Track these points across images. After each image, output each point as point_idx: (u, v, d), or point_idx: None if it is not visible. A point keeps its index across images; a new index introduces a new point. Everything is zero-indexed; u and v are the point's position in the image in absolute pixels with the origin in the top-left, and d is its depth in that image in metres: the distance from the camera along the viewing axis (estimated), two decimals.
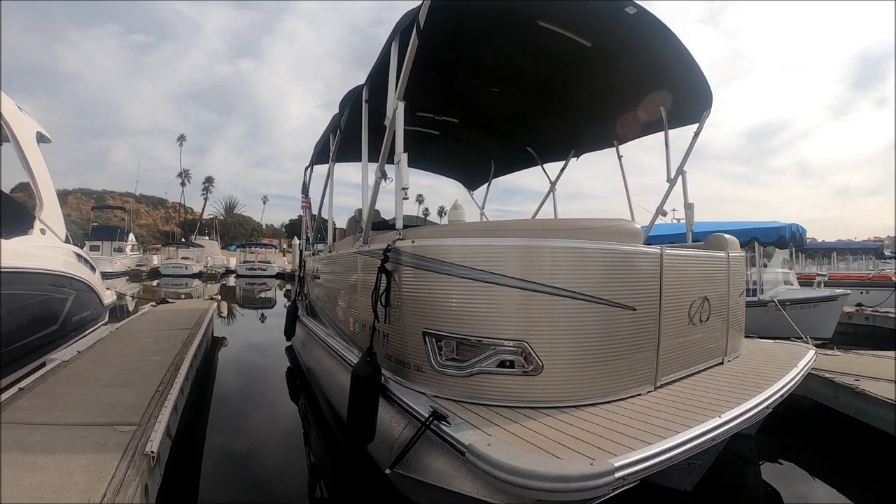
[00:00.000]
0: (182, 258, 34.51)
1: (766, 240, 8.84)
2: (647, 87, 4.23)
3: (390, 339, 2.63)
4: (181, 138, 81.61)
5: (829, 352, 5.57)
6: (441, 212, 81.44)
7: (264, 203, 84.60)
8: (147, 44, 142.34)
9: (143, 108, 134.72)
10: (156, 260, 35.34)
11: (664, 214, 5.37)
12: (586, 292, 2.28)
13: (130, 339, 5.09)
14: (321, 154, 6.21)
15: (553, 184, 6.52)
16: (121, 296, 16.22)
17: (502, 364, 2.25)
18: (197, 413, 4.13)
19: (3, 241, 3.86)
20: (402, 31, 3.04)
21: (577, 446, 1.84)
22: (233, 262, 37.68)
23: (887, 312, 10.61)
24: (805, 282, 11.48)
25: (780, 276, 10.37)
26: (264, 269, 30.99)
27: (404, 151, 2.79)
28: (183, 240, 51.40)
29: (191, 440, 3.52)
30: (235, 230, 73.51)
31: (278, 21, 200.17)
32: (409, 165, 9.06)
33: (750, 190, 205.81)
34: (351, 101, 4.42)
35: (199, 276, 31.23)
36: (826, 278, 11.64)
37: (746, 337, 4.46)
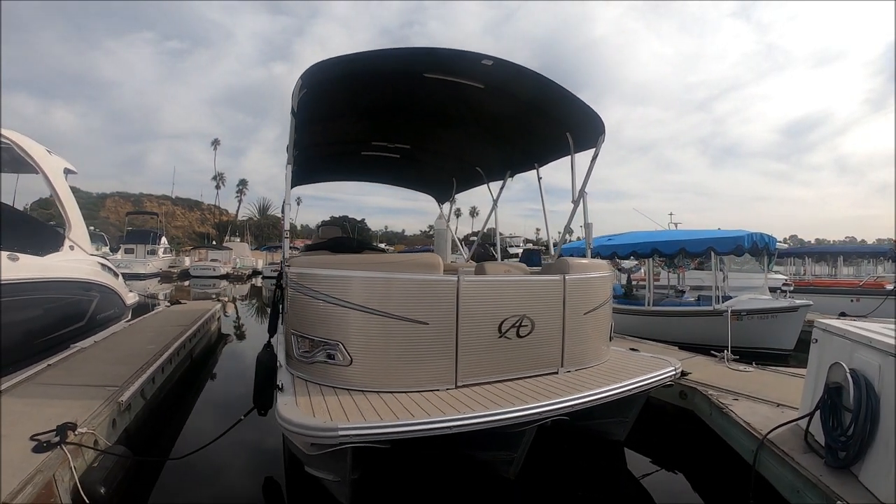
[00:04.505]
0: (211, 260, 36.14)
1: (721, 250, 8.78)
2: (549, 117, 4.77)
3: (284, 335, 3.70)
4: (215, 142, 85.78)
5: (742, 367, 5.47)
6: (473, 212, 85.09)
7: (298, 204, 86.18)
8: (182, 50, 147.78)
9: (179, 112, 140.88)
10: (187, 262, 37.38)
11: (570, 233, 6.39)
12: (383, 310, 3.07)
13: (137, 333, 6.53)
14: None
15: (495, 201, 7.46)
16: (153, 296, 18.17)
17: (328, 356, 3.14)
18: (190, 389, 5.64)
19: (40, 257, 5.24)
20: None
21: (337, 414, 2.60)
22: (261, 264, 39.16)
23: None
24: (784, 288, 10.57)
25: (763, 281, 10.26)
26: None
27: (374, 171, 3.63)
28: (214, 242, 53.50)
29: (179, 406, 5.03)
30: (269, 231, 75.99)
31: (309, 25, 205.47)
32: (385, 183, 10.31)
33: (788, 187, 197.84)
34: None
35: (226, 277, 32.94)
36: (792, 287, 11.37)
37: (632, 349, 4.91)
